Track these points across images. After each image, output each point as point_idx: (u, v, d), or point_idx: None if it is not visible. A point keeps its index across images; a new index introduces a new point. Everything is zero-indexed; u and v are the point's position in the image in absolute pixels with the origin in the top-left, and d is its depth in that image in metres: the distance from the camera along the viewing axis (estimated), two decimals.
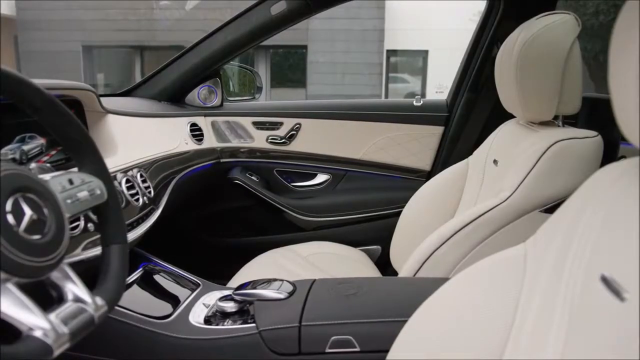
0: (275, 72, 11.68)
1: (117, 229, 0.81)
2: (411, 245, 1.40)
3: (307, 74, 11.34)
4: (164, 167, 1.42)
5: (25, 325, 0.61)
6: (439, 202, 1.48)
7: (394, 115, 1.86)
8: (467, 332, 0.61)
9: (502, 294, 0.60)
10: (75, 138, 0.78)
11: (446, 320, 0.65)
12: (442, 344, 0.63)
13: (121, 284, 0.78)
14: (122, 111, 1.37)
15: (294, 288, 1.04)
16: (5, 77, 0.68)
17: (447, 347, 0.62)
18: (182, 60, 1.75)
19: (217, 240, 1.96)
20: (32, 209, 0.65)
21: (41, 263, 0.64)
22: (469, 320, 0.62)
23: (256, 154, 1.89)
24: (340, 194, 1.90)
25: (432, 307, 0.69)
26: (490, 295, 0.62)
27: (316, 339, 0.93)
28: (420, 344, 0.66)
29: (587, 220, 0.53)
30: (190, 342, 0.97)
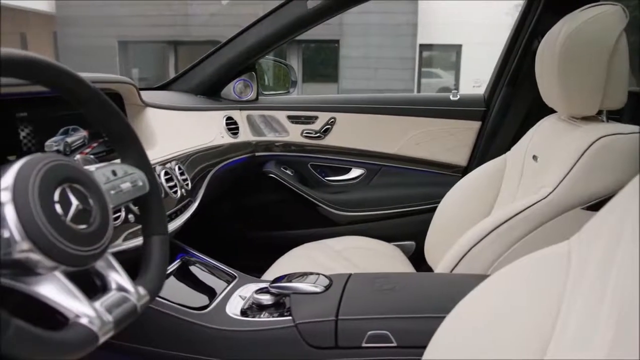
0: (307, 66, 11.70)
1: (159, 220, 0.83)
2: (446, 241, 1.39)
3: (339, 69, 11.32)
4: (201, 160, 1.44)
5: (72, 313, 0.63)
6: (475, 198, 1.46)
7: (430, 109, 1.84)
8: (508, 330, 0.60)
9: (545, 292, 0.59)
10: (118, 130, 0.80)
11: (486, 318, 0.64)
12: (481, 342, 0.62)
13: (162, 275, 0.79)
14: (161, 104, 1.39)
15: (330, 282, 1.04)
16: (54, 71, 0.70)
17: (486, 344, 0.61)
18: (218, 54, 1.76)
19: (250, 233, 1.97)
20: (78, 199, 0.66)
21: (87, 252, 0.65)
22: (509, 318, 0.61)
23: (291, 148, 1.89)
24: (374, 188, 1.89)
25: (471, 304, 0.68)
26: (533, 293, 0.60)
27: (353, 333, 0.93)
28: (458, 341, 0.65)
29: (635, 219, 0.51)
30: (227, 333, 0.98)
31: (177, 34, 11.74)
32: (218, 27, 10.38)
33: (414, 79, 11.23)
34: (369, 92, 2.26)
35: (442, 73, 12.20)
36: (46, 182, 0.63)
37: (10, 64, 0.64)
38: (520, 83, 1.72)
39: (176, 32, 11.69)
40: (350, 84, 11.04)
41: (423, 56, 11.57)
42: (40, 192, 0.62)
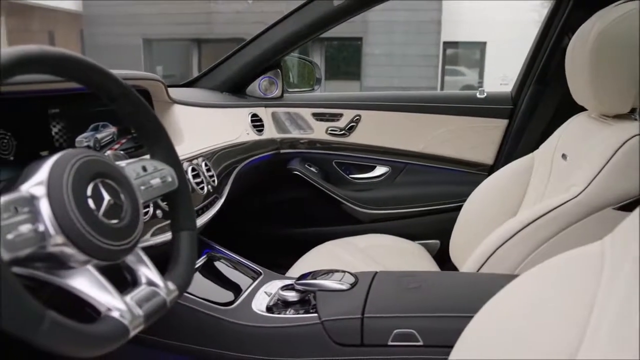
0: (329, 64, 11.69)
1: (187, 216, 0.83)
2: (472, 240, 1.38)
3: (362, 66, 11.29)
4: (226, 156, 1.45)
5: (103, 306, 0.63)
6: (502, 197, 1.44)
7: (456, 107, 1.82)
8: (538, 331, 0.59)
9: (577, 293, 0.58)
10: (148, 127, 0.80)
11: (515, 318, 0.63)
12: (510, 342, 0.61)
13: (191, 270, 0.80)
14: (187, 101, 1.40)
15: (355, 280, 1.03)
16: (86, 67, 0.71)
17: (515, 345, 0.61)
18: (244, 51, 1.77)
19: (274, 230, 1.98)
20: (110, 195, 0.67)
21: (118, 247, 0.66)
22: (540, 318, 0.60)
23: (316, 145, 1.89)
24: (399, 186, 1.88)
25: (500, 304, 0.67)
26: (564, 293, 0.59)
27: (379, 332, 0.93)
28: (487, 341, 0.65)
29: None
30: (253, 329, 0.98)
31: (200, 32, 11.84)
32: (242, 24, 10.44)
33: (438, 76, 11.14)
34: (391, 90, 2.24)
35: (465, 71, 12.09)
36: (79, 177, 0.64)
37: (44, 61, 0.65)
38: (549, 80, 1.70)
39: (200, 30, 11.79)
40: (372, 82, 11.00)
41: (447, 54, 11.47)
42: (74, 187, 0.62)
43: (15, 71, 0.61)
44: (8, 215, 0.56)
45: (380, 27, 10.56)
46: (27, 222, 0.58)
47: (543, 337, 0.58)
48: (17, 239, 0.56)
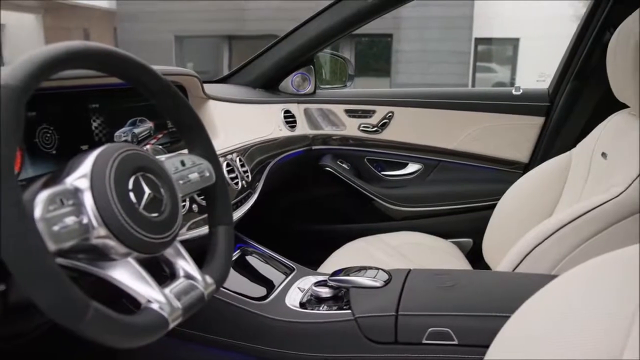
0: (359, 61, 11.64)
1: (224, 210, 0.84)
2: (506, 239, 1.35)
3: (392, 63, 11.21)
4: (260, 152, 1.45)
5: (143, 298, 0.64)
6: (537, 196, 1.42)
7: (491, 104, 1.79)
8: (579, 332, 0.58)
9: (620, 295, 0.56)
10: (187, 122, 0.81)
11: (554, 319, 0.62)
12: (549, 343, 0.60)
13: (228, 264, 0.80)
14: (222, 97, 1.41)
15: (389, 277, 1.03)
16: (128, 63, 0.72)
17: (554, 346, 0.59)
18: (277, 48, 1.77)
19: (305, 226, 1.98)
20: (150, 188, 0.68)
21: (158, 240, 0.67)
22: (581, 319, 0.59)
23: (348, 141, 1.89)
24: (431, 184, 1.87)
25: (539, 304, 0.66)
26: (606, 295, 0.58)
27: (413, 329, 0.92)
28: (524, 342, 0.63)
29: None
30: (287, 324, 0.99)
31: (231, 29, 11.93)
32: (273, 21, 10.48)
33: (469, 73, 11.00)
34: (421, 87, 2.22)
35: (497, 67, 11.90)
36: (121, 171, 0.65)
37: (88, 57, 0.66)
38: (588, 77, 1.66)
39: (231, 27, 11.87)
40: (402, 79, 10.92)
41: (478, 50, 11.31)
42: (116, 180, 0.64)
43: (60, 67, 0.62)
44: (54, 208, 0.57)
45: (410, 23, 10.47)
46: (71, 215, 0.59)
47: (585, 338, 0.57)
48: (62, 231, 0.57)
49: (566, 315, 0.61)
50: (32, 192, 0.60)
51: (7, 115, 0.54)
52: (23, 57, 0.59)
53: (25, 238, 0.51)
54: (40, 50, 0.61)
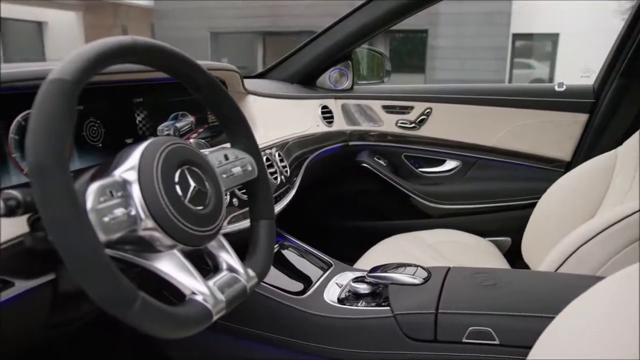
0: (393, 57, 11.57)
1: (266, 204, 0.84)
2: (547, 239, 1.33)
3: (427, 59, 11.10)
4: (297, 148, 1.46)
5: (188, 289, 0.65)
6: (580, 195, 1.38)
7: (532, 101, 1.75)
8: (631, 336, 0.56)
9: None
10: (230, 116, 0.82)
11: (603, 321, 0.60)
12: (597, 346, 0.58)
13: (270, 258, 0.81)
14: (261, 92, 1.42)
15: (429, 274, 1.02)
16: (174, 58, 0.73)
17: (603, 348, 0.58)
18: (315, 43, 1.77)
19: (341, 222, 1.98)
20: (195, 182, 0.68)
21: (203, 232, 0.68)
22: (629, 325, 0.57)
23: (385, 138, 1.87)
24: (470, 181, 1.84)
25: (586, 306, 0.64)
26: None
27: (453, 328, 0.91)
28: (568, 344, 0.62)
29: None
30: (325, 319, 0.99)
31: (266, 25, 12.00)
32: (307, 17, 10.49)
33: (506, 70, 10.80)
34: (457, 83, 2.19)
35: (535, 64, 11.66)
36: (168, 164, 0.66)
37: (136, 51, 0.67)
38: (636, 73, 1.60)
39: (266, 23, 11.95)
40: (437, 75, 10.81)
41: (516, 46, 11.09)
42: (163, 173, 0.64)
43: (110, 61, 0.63)
44: (104, 199, 0.59)
45: (446, 19, 10.34)
46: (120, 206, 0.60)
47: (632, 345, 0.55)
48: (112, 222, 0.58)
49: (613, 318, 0.59)
50: (81, 184, 0.61)
51: (60, 109, 0.55)
52: (75, 52, 0.60)
53: (78, 229, 0.53)
54: (91, 45, 0.62)
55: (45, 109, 0.55)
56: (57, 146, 0.53)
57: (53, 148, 0.53)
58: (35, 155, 0.53)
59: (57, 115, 0.54)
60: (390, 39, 11.55)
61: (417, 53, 11.51)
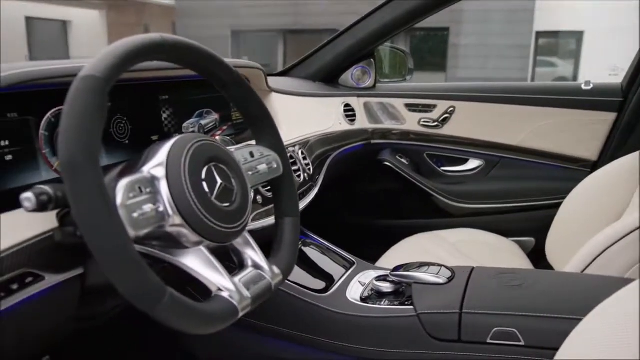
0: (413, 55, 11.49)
1: (291, 202, 0.85)
2: (572, 240, 1.31)
3: (448, 57, 11.01)
4: (320, 145, 1.46)
5: (214, 285, 0.66)
6: (606, 196, 1.36)
7: (558, 99, 1.73)
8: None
9: None
10: (256, 113, 0.82)
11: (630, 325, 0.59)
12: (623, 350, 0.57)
13: (294, 256, 0.81)
14: (284, 90, 1.42)
15: (452, 274, 1.01)
16: (202, 55, 0.73)
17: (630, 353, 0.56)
18: (338, 41, 1.77)
19: (362, 220, 1.97)
20: (222, 179, 0.69)
21: (229, 229, 0.68)
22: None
23: (408, 136, 1.86)
24: (493, 181, 1.82)
25: (615, 308, 0.63)
26: None
27: (477, 328, 0.90)
28: (596, 347, 0.61)
29: None
30: (348, 317, 0.99)
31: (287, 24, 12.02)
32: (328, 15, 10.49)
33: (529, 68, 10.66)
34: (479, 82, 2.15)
35: (558, 62, 11.49)
36: (195, 161, 0.66)
37: (164, 49, 0.67)
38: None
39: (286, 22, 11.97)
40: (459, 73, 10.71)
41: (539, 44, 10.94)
42: (190, 170, 0.65)
43: (139, 59, 0.64)
44: (133, 195, 0.59)
45: (468, 16, 10.25)
46: (149, 202, 0.61)
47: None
48: (141, 218, 0.59)
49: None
50: (110, 180, 0.62)
51: (92, 106, 0.56)
52: (105, 50, 0.61)
53: (109, 224, 0.53)
54: (121, 43, 0.63)
55: (77, 105, 0.55)
56: (88, 142, 0.54)
57: (85, 144, 0.54)
58: (67, 151, 0.53)
59: (89, 111, 0.55)
60: (410, 37, 11.48)
61: (438, 51, 11.42)
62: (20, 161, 0.70)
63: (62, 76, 0.71)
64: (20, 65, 0.70)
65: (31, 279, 0.63)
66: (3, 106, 0.69)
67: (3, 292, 0.60)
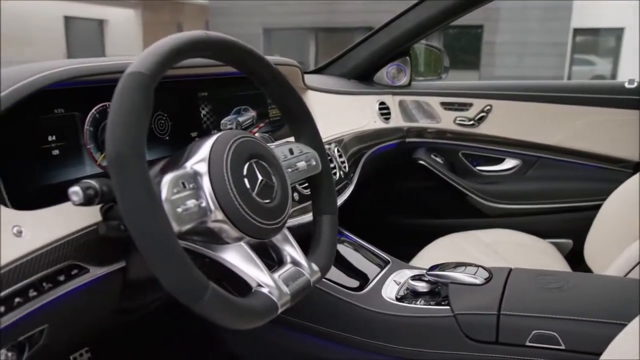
0: None
1: (329, 200, 0.85)
2: (612, 242, 1.27)
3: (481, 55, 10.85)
4: (355, 143, 1.45)
5: (254, 281, 0.66)
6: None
7: (599, 98, 1.68)
8: None
9: None
10: (295, 110, 0.83)
11: None
12: None
13: (332, 253, 0.81)
14: (319, 87, 1.43)
15: (490, 275, 1.00)
16: (243, 52, 0.74)
17: None
18: (373, 39, 1.76)
19: (396, 219, 1.96)
20: (263, 175, 0.69)
21: (269, 226, 0.69)
22: None
23: (443, 135, 1.84)
24: (530, 181, 1.78)
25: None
26: None
27: (516, 331, 0.89)
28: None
29: None
30: (383, 316, 0.98)
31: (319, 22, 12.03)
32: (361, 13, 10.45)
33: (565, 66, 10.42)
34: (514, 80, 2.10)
35: (596, 60, 11.20)
36: (237, 157, 0.67)
37: (208, 46, 0.68)
38: None
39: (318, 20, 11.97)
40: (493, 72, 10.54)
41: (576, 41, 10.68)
42: (232, 166, 0.65)
43: (184, 55, 0.65)
44: (177, 190, 0.60)
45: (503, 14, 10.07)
46: (192, 198, 0.62)
47: None
48: (184, 213, 0.60)
49: None
50: (153, 175, 0.63)
51: (139, 101, 0.57)
52: (151, 47, 0.62)
53: (155, 218, 0.54)
54: (166, 40, 0.64)
55: (124, 101, 0.56)
56: (136, 137, 0.55)
57: (132, 139, 0.55)
58: (115, 146, 0.55)
59: (136, 107, 0.56)
60: (443, 35, 11.34)
61: (470, 49, 11.26)
62: (66, 156, 0.72)
63: (109, 73, 0.73)
64: (66, 62, 0.71)
65: (76, 271, 0.65)
66: (51, 102, 0.71)
67: (51, 284, 0.62)
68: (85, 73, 0.71)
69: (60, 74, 0.67)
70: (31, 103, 0.65)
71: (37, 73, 0.65)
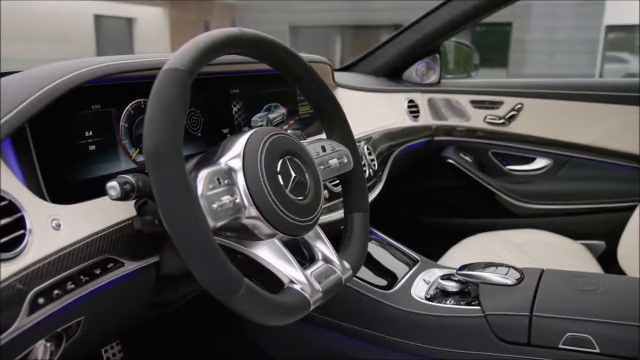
0: None
1: (361, 197, 0.84)
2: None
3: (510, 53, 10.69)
4: (384, 141, 1.45)
5: (287, 278, 0.66)
6: None
7: (635, 96, 1.64)
8: None
9: None
10: (328, 107, 0.82)
11: None
12: None
13: (364, 251, 0.81)
14: (349, 85, 1.42)
15: (521, 275, 0.98)
16: (278, 49, 0.74)
17: None
18: (402, 36, 1.75)
19: (424, 218, 1.95)
20: (296, 172, 0.69)
21: (302, 223, 0.69)
22: None
23: (472, 133, 1.82)
24: (561, 181, 1.75)
25: None
26: None
27: (549, 333, 0.87)
28: None
29: None
30: (413, 315, 0.97)
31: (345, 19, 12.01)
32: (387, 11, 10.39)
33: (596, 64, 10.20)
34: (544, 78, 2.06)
35: (628, 57, 10.93)
36: (271, 154, 0.67)
37: (243, 43, 0.68)
38: None
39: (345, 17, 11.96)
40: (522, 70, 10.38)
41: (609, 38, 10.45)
42: (266, 163, 0.66)
43: (219, 52, 0.65)
44: (213, 186, 0.60)
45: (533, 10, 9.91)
46: (227, 194, 0.62)
47: None
48: (219, 209, 0.60)
49: None
50: (188, 171, 0.63)
51: (175, 97, 0.57)
52: (188, 43, 0.63)
53: (192, 214, 0.55)
54: (203, 36, 0.64)
55: (161, 97, 0.57)
56: (172, 133, 0.56)
57: (169, 135, 0.55)
58: (152, 141, 0.55)
59: (173, 103, 0.57)
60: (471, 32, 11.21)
61: (499, 47, 11.10)
62: (102, 151, 0.73)
63: (145, 70, 0.74)
64: (101, 59, 0.72)
65: (112, 265, 0.66)
66: (88, 99, 0.72)
67: (87, 277, 0.63)
68: (122, 70, 0.72)
69: (97, 71, 0.68)
70: (69, 99, 0.66)
71: (75, 70, 0.66)
